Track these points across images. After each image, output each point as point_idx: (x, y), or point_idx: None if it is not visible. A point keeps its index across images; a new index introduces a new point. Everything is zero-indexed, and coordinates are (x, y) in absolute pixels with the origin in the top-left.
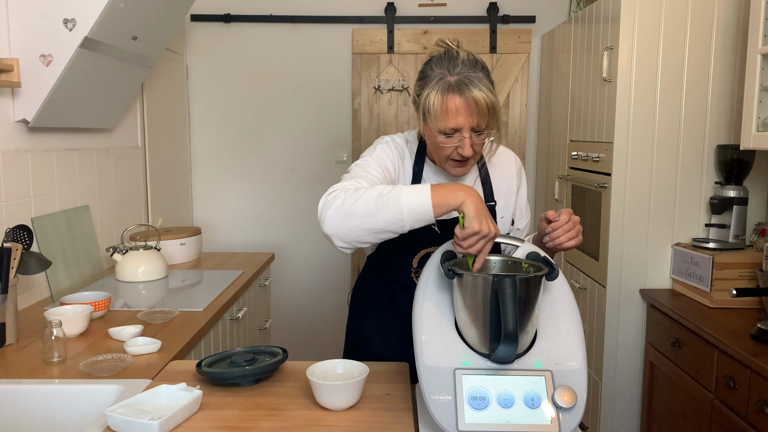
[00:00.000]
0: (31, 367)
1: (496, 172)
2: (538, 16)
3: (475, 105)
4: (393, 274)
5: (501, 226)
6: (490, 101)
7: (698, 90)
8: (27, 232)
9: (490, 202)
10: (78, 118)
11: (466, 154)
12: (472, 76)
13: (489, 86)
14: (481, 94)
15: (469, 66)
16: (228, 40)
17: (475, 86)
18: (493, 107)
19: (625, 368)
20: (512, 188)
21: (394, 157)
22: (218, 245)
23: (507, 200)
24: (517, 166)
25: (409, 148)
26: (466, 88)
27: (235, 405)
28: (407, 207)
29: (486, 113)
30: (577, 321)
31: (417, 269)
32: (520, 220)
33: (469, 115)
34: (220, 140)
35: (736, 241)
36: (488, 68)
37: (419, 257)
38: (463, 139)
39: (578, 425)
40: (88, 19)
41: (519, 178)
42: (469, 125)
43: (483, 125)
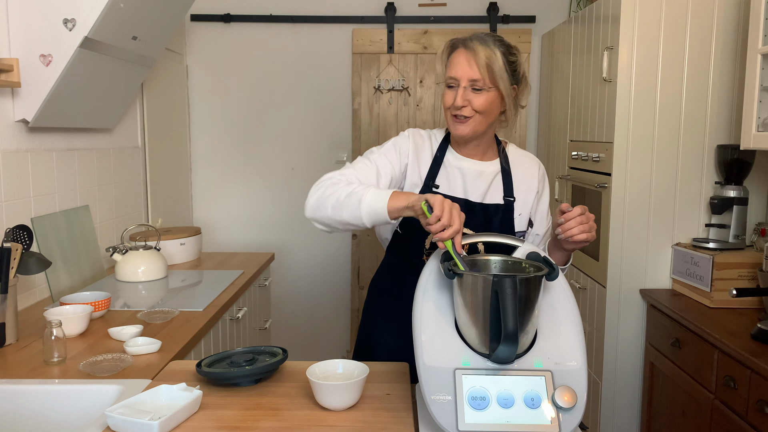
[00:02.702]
0: (31, 367)
1: (517, 171)
2: (538, 16)
3: (473, 57)
4: (406, 260)
5: (518, 223)
6: (488, 56)
7: (698, 90)
8: (27, 232)
9: (510, 197)
10: (78, 118)
11: (458, 102)
12: (484, 37)
13: (499, 52)
14: (483, 47)
15: (488, 35)
16: (228, 40)
17: (482, 42)
18: (489, 64)
19: (625, 368)
20: (532, 189)
21: (408, 147)
22: (218, 245)
23: (525, 199)
24: (541, 172)
25: (433, 137)
26: (471, 42)
27: (235, 405)
28: (366, 207)
29: (484, 66)
30: (577, 321)
31: (429, 251)
32: (539, 226)
33: (467, 66)
34: (220, 140)
35: (736, 241)
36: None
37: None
38: (458, 89)
39: (578, 425)
40: (88, 19)
41: (541, 184)
42: (467, 77)
43: (482, 82)
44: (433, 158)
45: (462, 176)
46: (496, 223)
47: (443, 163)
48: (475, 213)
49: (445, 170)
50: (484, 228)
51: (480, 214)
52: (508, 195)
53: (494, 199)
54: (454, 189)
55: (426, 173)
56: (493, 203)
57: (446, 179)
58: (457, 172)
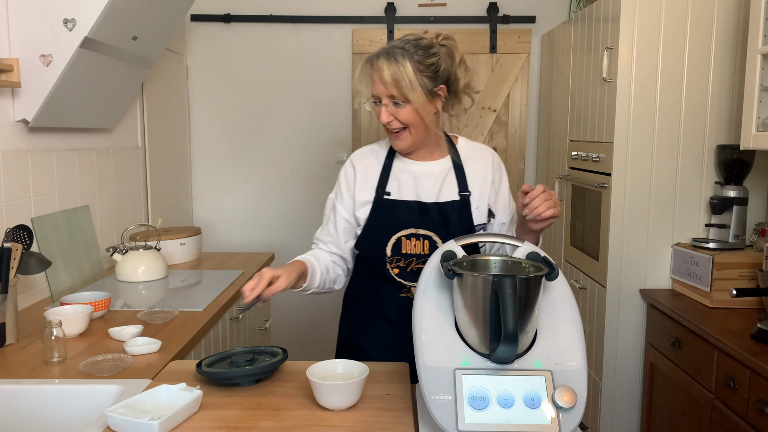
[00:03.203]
0: (31, 367)
1: (470, 165)
2: (538, 16)
3: (381, 74)
4: (373, 268)
5: (477, 216)
6: (393, 72)
7: (698, 90)
8: (27, 232)
9: (465, 192)
10: (78, 118)
11: (382, 120)
12: (392, 50)
13: (407, 63)
14: (387, 64)
15: (404, 42)
16: (228, 40)
17: (386, 57)
18: (396, 79)
19: (625, 368)
20: (487, 180)
21: (352, 174)
22: (218, 245)
23: (482, 191)
24: (495, 161)
25: (379, 149)
26: (376, 59)
27: (235, 405)
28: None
29: (391, 84)
30: (577, 321)
31: (391, 258)
32: (503, 215)
33: (380, 84)
34: (220, 140)
35: (736, 241)
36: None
37: (391, 245)
38: (380, 107)
39: (578, 425)
40: (88, 19)
41: (497, 173)
42: (384, 94)
43: (398, 96)
44: (382, 168)
45: (413, 179)
46: (453, 220)
47: (392, 171)
48: (431, 213)
49: (395, 177)
50: (441, 226)
51: (436, 214)
52: (462, 190)
53: (449, 197)
54: (406, 193)
55: (377, 184)
56: (448, 201)
57: (397, 185)
58: (408, 176)
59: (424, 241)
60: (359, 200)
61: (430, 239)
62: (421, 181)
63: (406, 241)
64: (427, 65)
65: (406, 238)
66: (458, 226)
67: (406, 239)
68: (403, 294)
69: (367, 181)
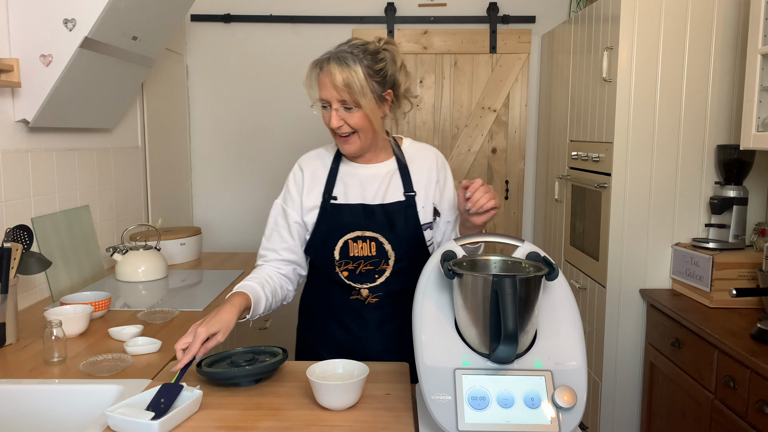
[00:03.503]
0: (31, 367)
1: (414, 166)
2: (538, 16)
3: (333, 79)
4: (323, 273)
5: (422, 216)
6: (345, 77)
7: (698, 90)
8: (27, 232)
9: (410, 192)
10: (78, 118)
11: (333, 125)
12: (342, 55)
13: (358, 68)
14: (339, 69)
15: (351, 47)
16: (228, 40)
17: (337, 62)
18: (349, 84)
19: (625, 368)
20: (432, 180)
21: (300, 178)
22: (218, 245)
23: (427, 191)
24: (439, 161)
25: (326, 154)
26: (327, 63)
27: (235, 405)
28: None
29: (344, 89)
30: (577, 321)
31: (340, 261)
32: (449, 213)
33: (330, 88)
34: (220, 140)
35: (736, 241)
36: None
37: (339, 248)
38: (330, 111)
39: (578, 425)
40: (88, 19)
41: (442, 173)
42: (335, 98)
43: (348, 100)
44: (329, 173)
45: (359, 182)
46: (399, 220)
47: (339, 175)
48: (376, 214)
49: (342, 181)
50: (387, 227)
51: (381, 215)
52: (408, 190)
53: (394, 197)
54: (351, 197)
55: (323, 189)
56: (393, 201)
57: (343, 189)
58: (354, 179)
59: (371, 243)
60: (306, 206)
61: (377, 240)
62: (367, 184)
63: (353, 244)
64: (376, 70)
65: (353, 241)
66: (404, 227)
67: (352, 242)
68: (353, 296)
69: (314, 186)
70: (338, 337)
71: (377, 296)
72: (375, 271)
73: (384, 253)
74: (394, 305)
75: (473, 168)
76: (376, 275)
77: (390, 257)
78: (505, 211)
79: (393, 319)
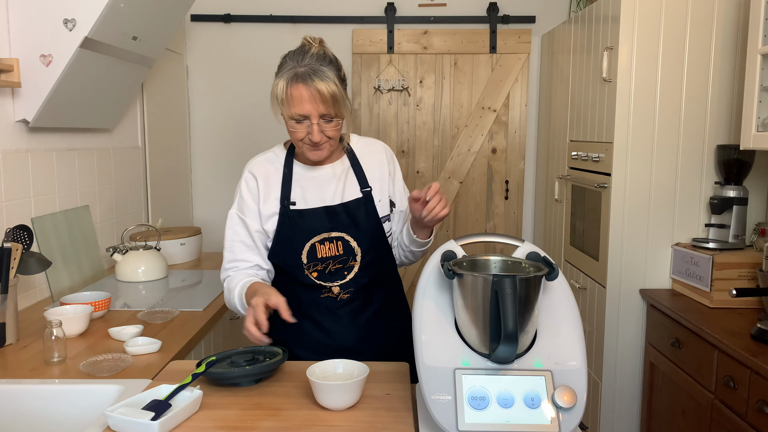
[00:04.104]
0: (31, 367)
1: (366, 161)
2: (538, 16)
3: (318, 94)
4: (291, 275)
5: (380, 208)
6: (332, 91)
7: (698, 90)
8: (27, 232)
9: (366, 188)
10: (78, 118)
11: (315, 139)
12: (317, 68)
13: (334, 79)
14: (324, 84)
15: (317, 59)
16: (228, 40)
17: (319, 77)
18: (334, 97)
19: (625, 368)
20: (384, 173)
21: (254, 185)
22: (218, 245)
23: (381, 185)
24: (387, 153)
25: (276, 158)
26: (310, 79)
27: (235, 405)
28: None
29: (330, 102)
30: (577, 321)
31: (308, 264)
32: (401, 203)
33: (314, 103)
34: (220, 140)
35: (736, 241)
36: (339, 63)
37: (306, 252)
38: (311, 125)
39: (578, 425)
40: (88, 19)
41: (391, 165)
42: (317, 112)
43: (331, 113)
44: (283, 179)
45: (316, 184)
46: (360, 217)
47: (294, 179)
48: (338, 214)
49: (298, 185)
50: (351, 225)
51: (343, 214)
52: (363, 186)
53: (353, 195)
54: (311, 200)
55: (280, 195)
56: (352, 199)
57: (301, 193)
58: (310, 182)
59: (338, 243)
60: (264, 213)
61: (343, 239)
62: (325, 185)
63: (320, 246)
64: (342, 78)
65: (320, 243)
66: (366, 222)
67: (319, 244)
68: (324, 294)
69: (269, 193)
70: (314, 336)
71: (348, 292)
72: (344, 269)
73: (351, 250)
74: (365, 298)
75: (473, 168)
76: (345, 272)
77: (357, 253)
78: (505, 211)
79: (364, 310)
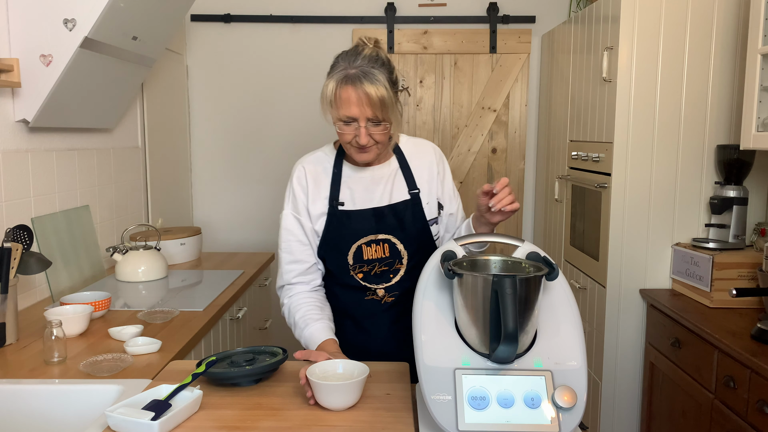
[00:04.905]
0: (31, 367)
1: (414, 162)
2: (538, 16)
3: (366, 97)
4: (336, 275)
5: (428, 211)
6: (381, 95)
7: (698, 90)
8: (27, 232)
9: (414, 190)
10: (78, 118)
11: (362, 142)
12: (368, 71)
13: (385, 82)
14: (373, 87)
15: (369, 61)
16: (228, 40)
17: (369, 80)
18: (383, 101)
19: (625, 368)
20: (433, 174)
21: (305, 184)
22: (218, 245)
23: (430, 187)
24: (437, 154)
25: (326, 158)
26: (359, 81)
27: (235, 405)
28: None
29: (378, 106)
30: (577, 321)
31: (354, 265)
32: (450, 206)
33: (362, 106)
34: (220, 140)
35: (736, 241)
36: (392, 66)
37: (352, 253)
38: (359, 128)
39: (578, 425)
40: (88, 19)
41: (441, 166)
42: (364, 115)
43: (379, 117)
44: (332, 178)
45: (365, 186)
46: (407, 219)
47: (343, 179)
48: (386, 216)
49: (346, 186)
50: (398, 227)
51: (391, 216)
52: (411, 188)
53: (400, 197)
54: (359, 201)
55: (329, 195)
56: (400, 201)
57: (350, 194)
58: (359, 183)
59: (384, 245)
60: (314, 213)
61: (389, 242)
62: (374, 187)
63: (367, 248)
64: (393, 81)
65: (366, 245)
66: (413, 224)
67: (366, 246)
68: (368, 297)
69: (318, 193)
70: (353, 338)
71: (393, 295)
72: (390, 271)
73: (397, 253)
74: (408, 302)
75: (473, 168)
76: (391, 275)
77: (403, 256)
78: None
79: (405, 315)
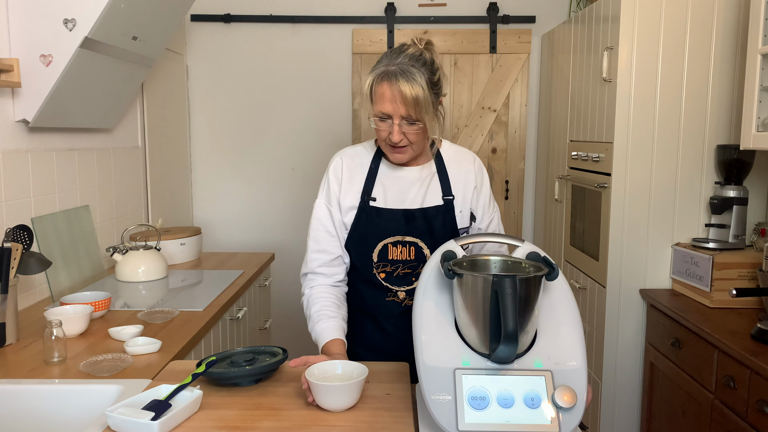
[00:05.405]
0: (31, 367)
1: (452, 169)
2: (538, 16)
3: (400, 95)
4: (359, 272)
5: (460, 220)
6: (415, 94)
7: (698, 90)
8: (27, 232)
9: (448, 196)
10: (78, 118)
11: (394, 140)
12: (407, 69)
13: (422, 82)
14: (408, 86)
15: (411, 59)
16: (228, 40)
17: (405, 78)
18: (417, 100)
19: (625, 368)
20: (470, 184)
21: (340, 174)
22: (218, 245)
23: (465, 195)
24: (477, 165)
25: (365, 152)
26: (395, 78)
27: (235, 405)
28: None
29: (412, 105)
30: (577, 321)
31: (378, 264)
32: (483, 219)
33: (395, 103)
34: (220, 140)
35: (736, 241)
36: (436, 68)
37: (378, 251)
38: (392, 125)
39: (578, 425)
40: (88, 19)
41: (479, 177)
42: (398, 113)
43: (413, 116)
44: (368, 173)
45: (399, 186)
46: (437, 224)
47: (378, 176)
48: (416, 219)
49: (381, 182)
50: (426, 232)
51: (420, 219)
52: (446, 194)
53: (433, 201)
54: (391, 200)
55: (362, 189)
56: (432, 206)
57: (383, 191)
58: (393, 182)
59: (410, 248)
60: (345, 205)
61: (416, 245)
62: (407, 187)
63: (393, 248)
64: (434, 82)
65: (393, 245)
66: (442, 231)
67: (392, 246)
68: (389, 298)
69: (352, 186)
70: (374, 338)
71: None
72: (412, 275)
73: (422, 257)
74: None
75: None
76: (413, 278)
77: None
78: (505, 211)
79: None
